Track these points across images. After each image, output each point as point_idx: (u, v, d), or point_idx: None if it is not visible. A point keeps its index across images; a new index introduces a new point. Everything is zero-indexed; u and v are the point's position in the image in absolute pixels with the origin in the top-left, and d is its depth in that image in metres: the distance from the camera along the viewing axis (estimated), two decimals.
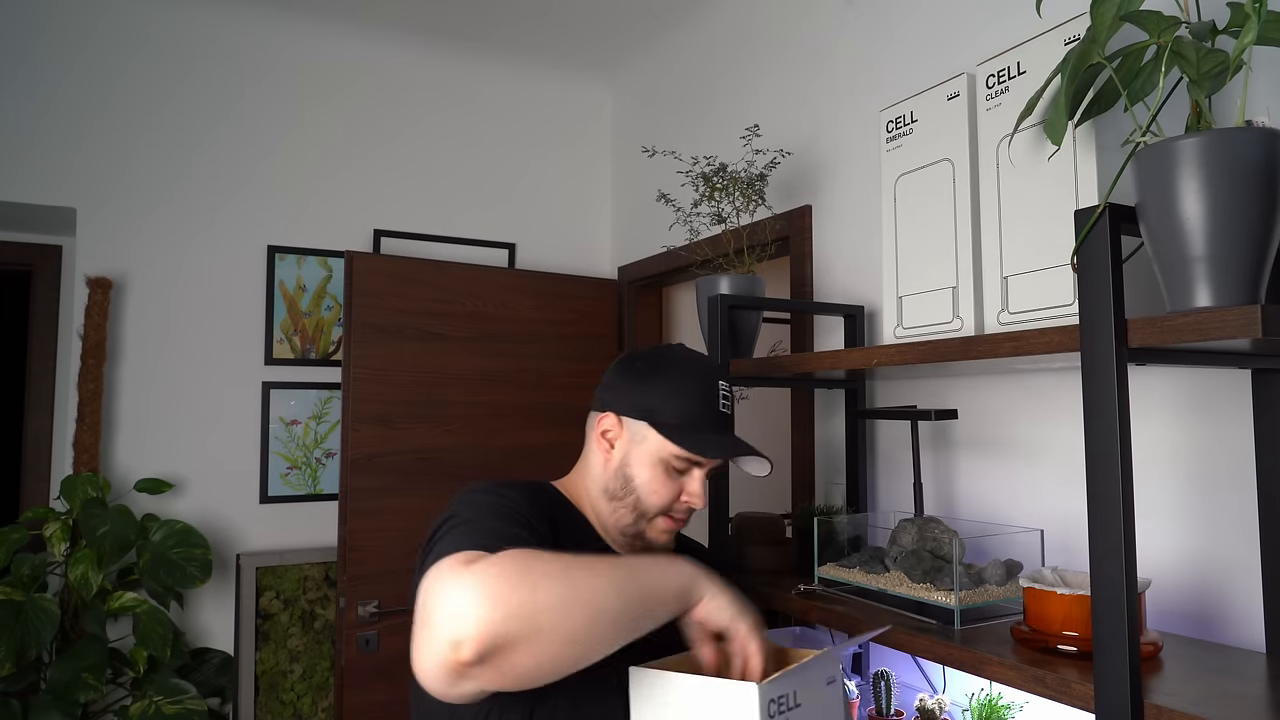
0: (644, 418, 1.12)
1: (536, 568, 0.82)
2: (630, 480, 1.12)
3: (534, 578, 0.80)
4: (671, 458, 1.11)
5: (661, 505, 1.12)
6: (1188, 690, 0.94)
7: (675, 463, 1.11)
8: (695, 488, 1.12)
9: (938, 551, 1.32)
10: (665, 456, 1.11)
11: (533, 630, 0.78)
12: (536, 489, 1.12)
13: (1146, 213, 0.88)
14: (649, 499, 1.11)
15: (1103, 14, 0.89)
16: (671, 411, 1.11)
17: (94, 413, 2.32)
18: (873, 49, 1.92)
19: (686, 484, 1.13)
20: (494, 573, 0.80)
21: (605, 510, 1.14)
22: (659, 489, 1.11)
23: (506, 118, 3.03)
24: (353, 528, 2.35)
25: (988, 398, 1.57)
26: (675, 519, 1.14)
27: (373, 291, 2.44)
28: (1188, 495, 1.25)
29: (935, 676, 1.59)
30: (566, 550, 1.04)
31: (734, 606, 0.92)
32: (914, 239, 1.34)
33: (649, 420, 1.12)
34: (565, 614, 0.80)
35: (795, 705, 0.89)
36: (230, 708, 2.45)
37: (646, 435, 1.12)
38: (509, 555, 0.83)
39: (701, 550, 1.31)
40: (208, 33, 2.60)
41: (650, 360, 1.17)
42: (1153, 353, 0.92)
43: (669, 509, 1.13)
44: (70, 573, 2.07)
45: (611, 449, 1.14)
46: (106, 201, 2.45)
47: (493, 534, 0.92)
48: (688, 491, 1.13)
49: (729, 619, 0.92)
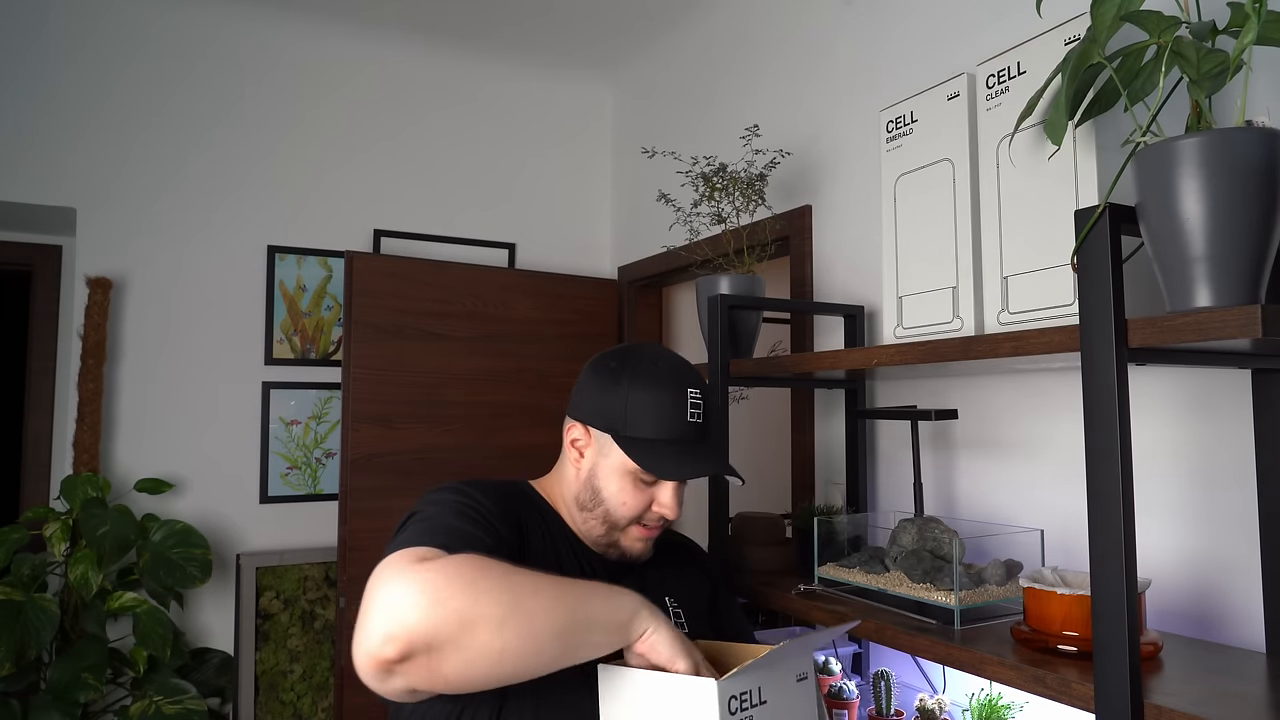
0: (608, 430, 1.08)
1: (484, 577, 0.81)
2: (599, 492, 1.09)
3: (478, 587, 0.80)
4: (639, 471, 1.07)
5: (632, 516, 1.09)
6: (1188, 690, 0.94)
7: (643, 475, 1.07)
8: (666, 499, 1.08)
9: (938, 551, 1.32)
10: (632, 469, 1.07)
11: (464, 637, 0.78)
12: (508, 490, 1.10)
13: (1146, 213, 0.88)
14: (618, 510, 1.08)
15: (1103, 14, 0.89)
16: (636, 425, 1.06)
17: (94, 413, 2.32)
18: (873, 49, 1.92)
19: (657, 494, 1.09)
20: (440, 574, 0.80)
21: (579, 519, 1.12)
22: (628, 500, 1.08)
23: (507, 117, 3.03)
24: (353, 528, 2.35)
25: (988, 398, 1.57)
26: (649, 528, 1.11)
27: (373, 291, 2.44)
28: (1188, 495, 1.25)
29: (935, 676, 1.59)
30: (535, 552, 1.04)
31: (674, 646, 0.88)
32: (914, 239, 1.34)
33: (613, 434, 1.08)
34: (499, 627, 0.79)
35: (760, 702, 0.87)
36: (230, 708, 2.45)
37: (612, 449, 1.08)
38: (461, 559, 0.83)
39: (694, 548, 1.30)
40: (207, 33, 2.60)
41: (620, 361, 1.11)
42: (1153, 353, 0.92)
43: (641, 519, 1.10)
44: (70, 573, 2.07)
45: (581, 458, 1.12)
46: (106, 201, 2.45)
47: (451, 533, 0.91)
48: (658, 502, 1.09)
49: (667, 658, 0.88)
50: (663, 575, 1.18)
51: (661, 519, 1.10)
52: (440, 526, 0.93)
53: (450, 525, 0.94)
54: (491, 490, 1.05)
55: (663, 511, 1.09)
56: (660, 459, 1.05)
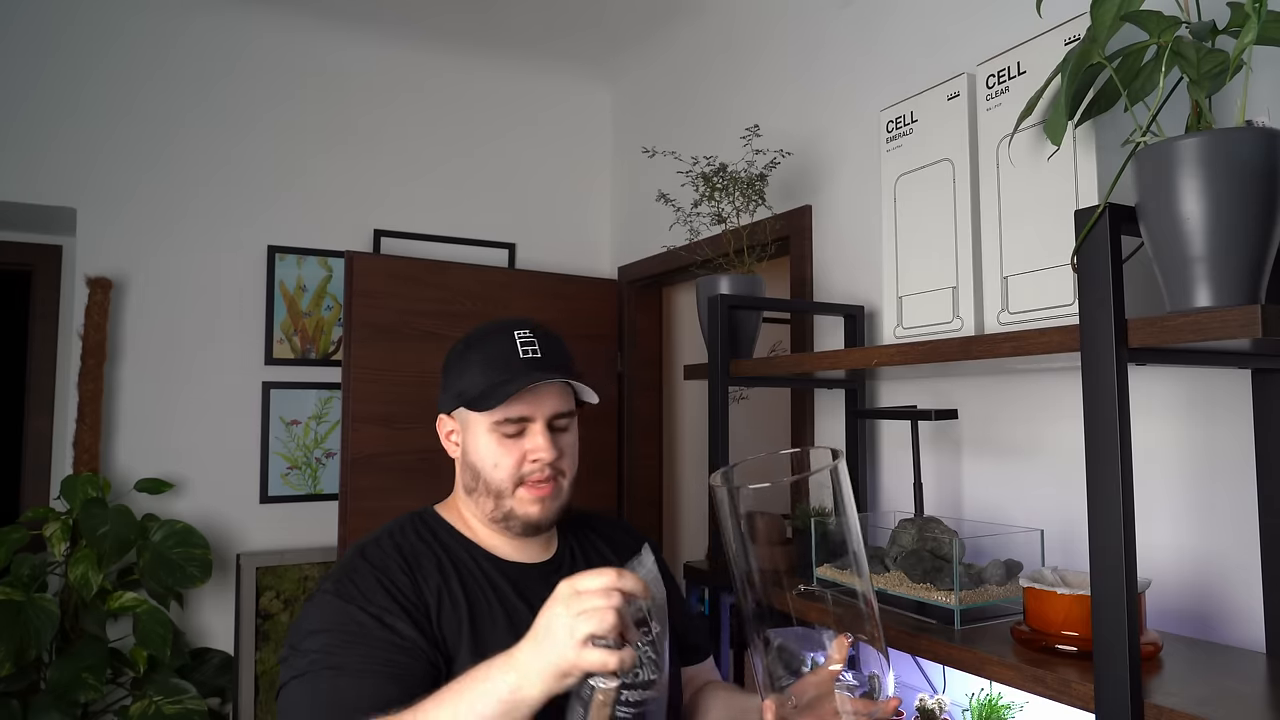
0: (462, 403, 1.10)
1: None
2: (474, 466, 1.10)
3: None
4: (495, 426, 1.07)
5: (510, 476, 1.07)
6: (1188, 690, 0.94)
7: (505, 429, 1.07)
8: (534, 443, 1.07)
9: (938, 551, 1.32)
10: (489, 428, 1.07)
11: None
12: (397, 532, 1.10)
13: (1146, 213, 0.88)
14: (493, 474, 1.08)
15: (1103, 14, 0.89)
16: (476, 383, 1.08)
17: (94, 413, 2.32)
18: (873, 49, 1.92)
19: (525, 445, 1.08)
20: None
21: (473, 510, 1.12)
22: (498, 460, 1.07)
23: (507, 117, 3.03)
24: (353, 528, 2.35)
25: (988, 398, 1.57)
26: (534, 485, 1.08)
27: (373, 291, 2.44)
28: (1188, 495, 1.25)
29: (935, 676, 1.59)
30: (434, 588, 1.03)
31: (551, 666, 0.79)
32: (914, 239, 1.34)
33: (463, 403, 1.09)
34: None
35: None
36: (230, 708, 2.45)
37: (468, 418, 1.10)
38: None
39: (624, 532, 1.28)
40: (208, 33, 2.60)
41: (458, 347, 1.15)
42: (1153, 353, 0.92)
43: (520, 476, 1.08)
44: (70, 573, 2.07)
45: (456, 447, 1.14)
46: (106, 201, 2.45)
47: (340, 700, 0.90)
48: (529, 451, 1.07)
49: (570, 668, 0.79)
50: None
51: (543, 468, 1.08)
52: (316, 697, 0.92)
53: (320, 694, 0.92)
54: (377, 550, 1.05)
55: (536, 454, 1.07)
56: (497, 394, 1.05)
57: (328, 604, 0.99)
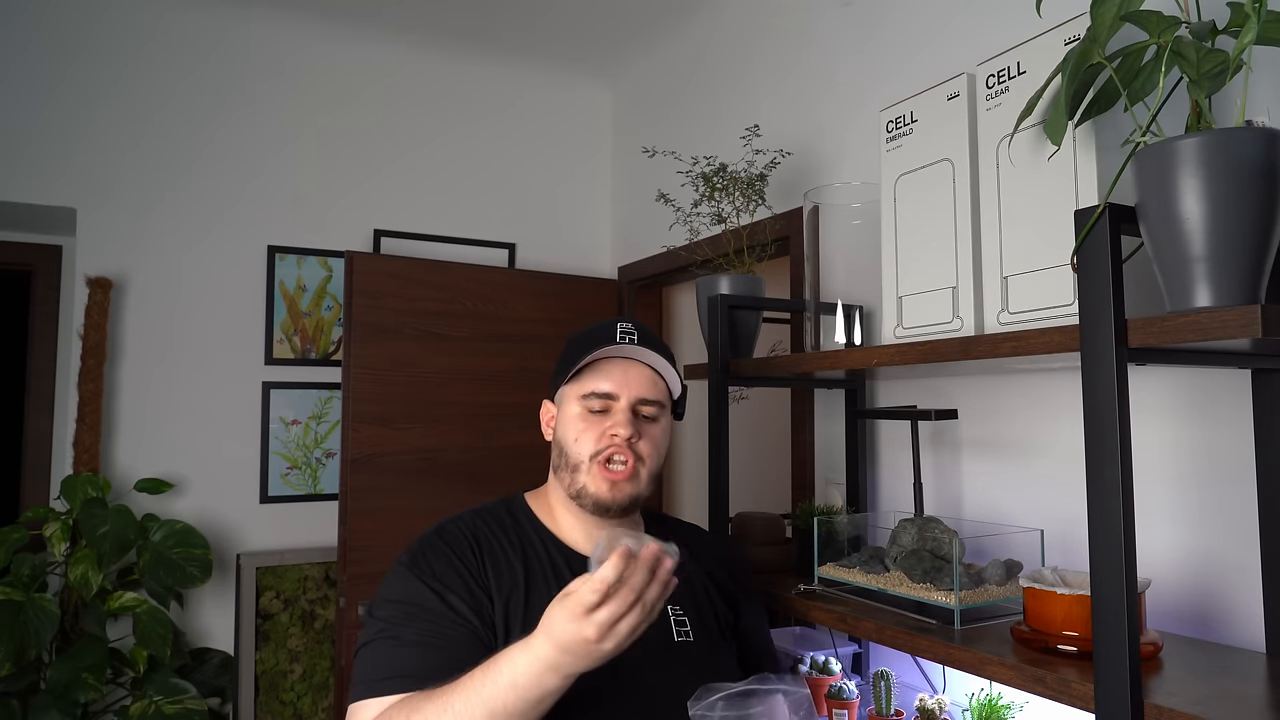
0: (557, 385, 1.18)
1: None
2: (561, 441, 1.15)
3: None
4: (581, 400, 1.13)
5: (589, 449, 1.11)
6: (1188, 690, 0.94)
7: (591, 404, 1.12)
8: (613, 419, 1.12)
9: (938, 551, 1.32)
10: (577, 400, 1.13)
11: None
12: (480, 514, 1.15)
13: (1146, 213, 0.88)
14: (574, 448, 1.12)
15: (1103, 14, 0.89)
16: (574, 360, 1.15)
17: (94, 413, 2.32)
18: (873, 49, 1.92)
19: (608, 423, 1.12)
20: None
21: (562, 489, 1.15)
22: (579, 434, 1.12)
23: (507, 117, 3.03)
24: (353, 528, 2.35)
25: (988, 398, 1.57)
26: (610, 468, 1.11)
27: (373, 291, 2.44)
28: (1188, 495, 1.25)
29: (935, 676, 1.59)
30: (501, 569, 1.07)
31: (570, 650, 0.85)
32: (914, 239, 1.34)
33: (559, 384, 1.17)
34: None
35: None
36: (230, 708, 2.45)
37: (563, 395, 1.17)
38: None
39: (696, 538, 1.31)
40: (207, 33, 2.60)
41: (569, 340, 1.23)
42: (1153, 353, 0.92)
43: (599, 452, 1.11)
44: (70, 573, 2.07)
45: (552, 429, 1.19)
46: (106, 201, 2.45)
47: (394, 667, 0.96)
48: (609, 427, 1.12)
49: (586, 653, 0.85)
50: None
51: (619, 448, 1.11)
52: (383, 661, 0.97)
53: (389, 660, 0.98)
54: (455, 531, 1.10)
55: (614, 430, 1.11)
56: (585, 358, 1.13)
57: (400, 575, 1.05)
